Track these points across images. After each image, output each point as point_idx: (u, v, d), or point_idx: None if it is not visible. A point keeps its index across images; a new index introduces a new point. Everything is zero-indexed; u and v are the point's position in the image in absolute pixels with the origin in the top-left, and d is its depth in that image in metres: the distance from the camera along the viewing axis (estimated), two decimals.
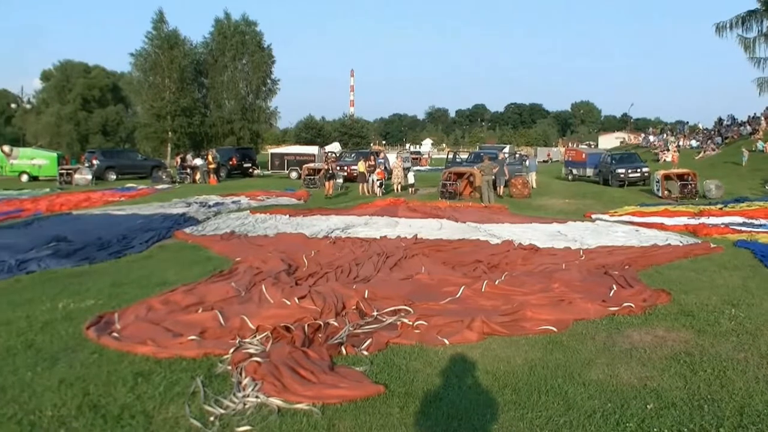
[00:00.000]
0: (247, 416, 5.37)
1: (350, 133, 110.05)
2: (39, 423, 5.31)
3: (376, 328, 7.81)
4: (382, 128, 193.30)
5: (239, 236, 15.92)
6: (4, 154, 46.11)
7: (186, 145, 59.25)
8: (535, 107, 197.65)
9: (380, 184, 31.02)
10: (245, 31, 63.93)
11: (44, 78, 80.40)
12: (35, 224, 19.03)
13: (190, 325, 7.72)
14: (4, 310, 8.95)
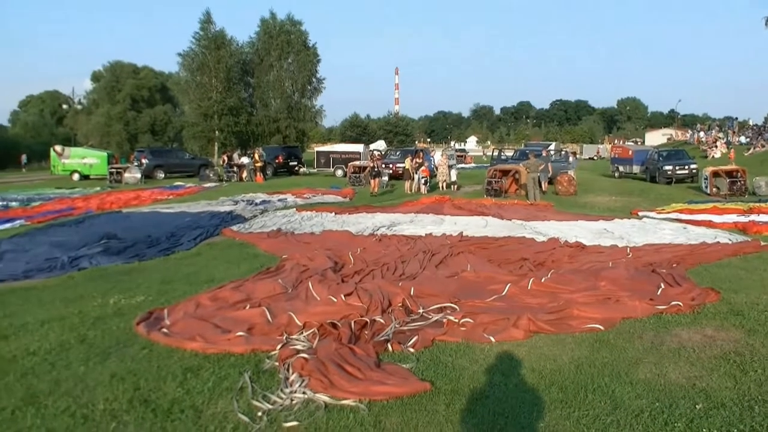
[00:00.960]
0: (295, 412, 5.41)
1: (395, 131, 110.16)
2: (91, 416, 5.42)
3: (422, 325, 7.82)
4: (426, 126, 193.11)
5: (286, 234, 16.03)
6: (57, 154, 46.97)
7: (233, 144, 59.71)
8: (581, 104, 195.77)
9: (425, 182, 30.97)
10: (291, 30, 64.19)
11: (94, 79, 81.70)
12: (86, 222, 19.38)
13: (238, 322, 7.81)
14: (57, 306, 9.15)
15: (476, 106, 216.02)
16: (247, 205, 23.65)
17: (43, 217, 20.62)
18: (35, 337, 7.63)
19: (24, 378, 6.30)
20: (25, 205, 25.80)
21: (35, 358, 6.90)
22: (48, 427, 5.22)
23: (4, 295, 10.02)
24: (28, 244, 14.92)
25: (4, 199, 28.42)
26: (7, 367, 6.61)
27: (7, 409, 5.56)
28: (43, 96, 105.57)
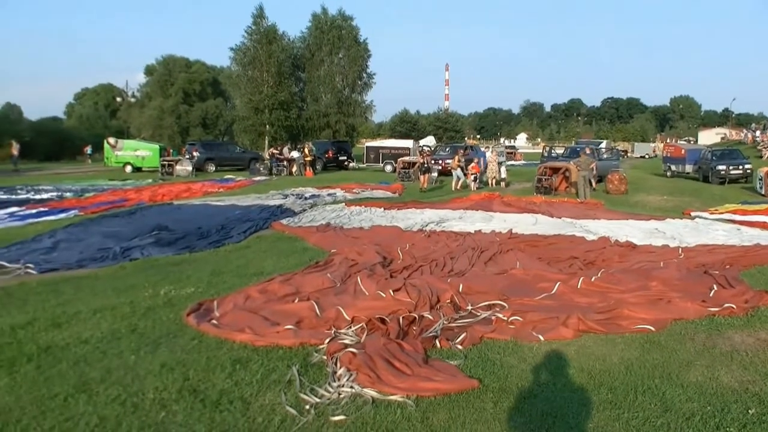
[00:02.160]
0: (342, 406, 5.42)
1: (445, 127, 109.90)
2: (141, 405, 5.48)
3: (471, 322, 7.80)
4: (476, 122, 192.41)
5: (335, 228, 16.08)
6: (110, 146, 47.70)
7: (283, 138, 60.04)
8: (633, 102, 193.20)
9: (474, 179, 30.81)
10: (342, 25, 64.21)
11: (148, 73, 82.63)
12: (138, 213, 19.64)
13: (286, 315, 7.85)
14: (109, 296, 9.30)
15: (527, 103, 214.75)
16: (297, 199, 23.77)
17: (96, 208, 20.95)
18: (88, 326, 7.76)
19: (76, 365, 6.41)
20: (79, 195, 26.25)
21: (87, 346, 7.01)
22: (99, 414, 5.30)
23: (58, 283, 10.21)
24: (82, 234, 15.17)
25: (59, 190, 28.99)
26: (60, 355, 6.73)
27: (60, 395, 5.66)
28: (98, 89, 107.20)
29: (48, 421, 5.19)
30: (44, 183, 33.27)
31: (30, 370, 6.30)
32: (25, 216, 19.09)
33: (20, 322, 7.90)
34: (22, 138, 63.49)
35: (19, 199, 24.72)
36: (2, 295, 9.43)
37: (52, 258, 12.42)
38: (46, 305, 8.77)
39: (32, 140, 69.16)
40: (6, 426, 5.10)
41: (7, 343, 7.09)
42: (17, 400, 5.58)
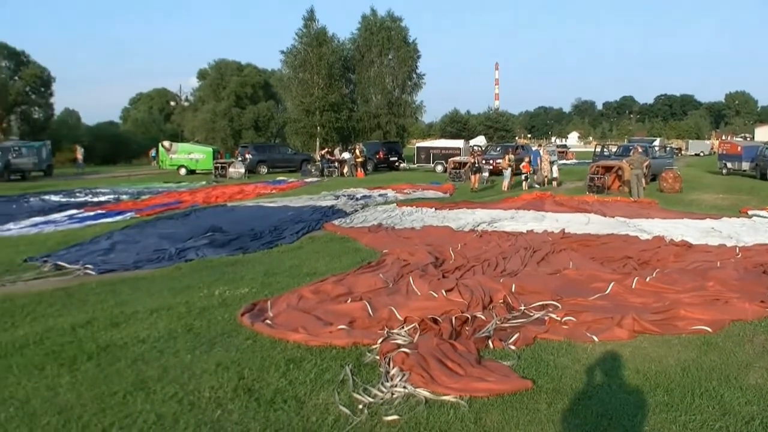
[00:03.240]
0: (395, 406, 5.45)
1: (495, 126, 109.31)
2: (197, 403, 5.57)
3: (524, 322, 7.77)
4: (527, 121, 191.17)
5: (386, 228, 16.11)
6: (165, 149, 48.39)
7: (334, 140, 60.33)
8: (687, 98, 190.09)
9: (525, 178, 30.60)
10: (391, 26, 64.29)
11: (200, 77, 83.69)
12: (193, 215, 19.89)
13: (339, 315, 7.90)
14: (165, 296, 9.45)
15: (578, 101, 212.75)
16: (348, 199, 23.83)
17: (152, 210, 21.26)
18: (144, 326, 7.90)
19: (134, 364, 6.53)
20: (135, 198, 26.70)
21: (144, 345, 7.15)
22: (157, 412, 5.40)
23: (116, 284, 10.39)
24: (138, 236, 15.41)
25: (116, 193, 29.52)
26: (118, 353, 6.87)
27: (118, 393, 5.78)
28: (152, 94, 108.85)
29: (108, 418, 5.30)
30: (102, 186, 33.91)
31: (90, 368, 6.44)
32: (83, 218, 19.47)
33: (80, 321, 8.09)
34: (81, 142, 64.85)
35: (78, 201, 25.26)
36: (63, 295, 9.64)
37: (110, 259, 12.66)
38: (105, 305, 8.95)
39: (90, 144, 70.59)
40: (68, 422, 5.23)
41: (68, 342, 7.26)
42: (78, 397, 5.71)
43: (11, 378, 6.22)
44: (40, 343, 7.26)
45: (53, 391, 5.87)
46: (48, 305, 9.00)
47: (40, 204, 24.55)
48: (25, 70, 71.67)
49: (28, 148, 44.52)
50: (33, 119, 74.65)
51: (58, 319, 8.26)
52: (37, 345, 7.21)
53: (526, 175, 30.64)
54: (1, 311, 8.70)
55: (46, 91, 75.40)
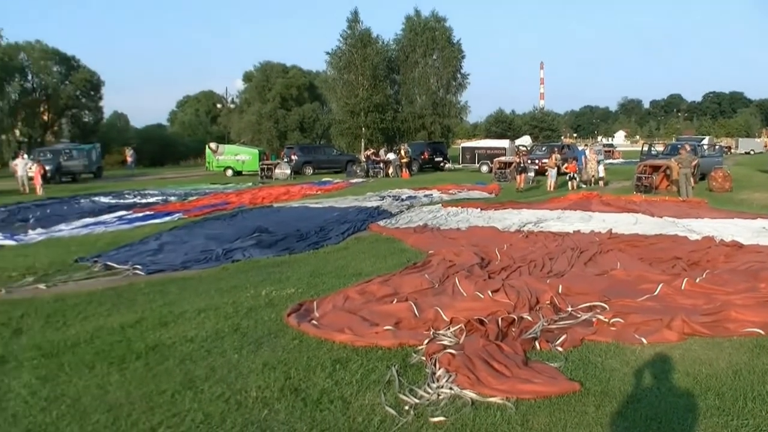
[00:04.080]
0: (441, 407, 5.43)
1: (540, 126, 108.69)
2: (244, 403, 5.61)
3: (571, 324, 7.70)
4: (572, 121, 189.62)
5: (432, 229, 16.09)
6: (211, 151, 48.82)
7: (379, 140, 60.41)
8: (736, 96, 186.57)
9: (571, 178, 30.33)
10: (435, 27, 64.13)
11: (246, 79, 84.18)
12: (239, 216, 20.06)
13: (385, 315, 7.90)
14: (212, 296, 9.54)
15: (624, 100, 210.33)
16: (394, 200, 23.83)
17: (199, 211, 21.49)
18: (192, 325, 7.99)
19: (182, 363, 6.61)
20: (183, 199, 27.02)
21: (192, 345, 7.22)
22: (204, 411, 5.45)
23: (164, 284, 10.52)
24: (186, 237, 15.60)
25: (164, 194, 29.89)
26: (167, 353, 6.95)
27: (167, 392, 5.85)
28: (199, 96, 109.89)
29: (156, 416, 5.36)
30: (150, 187, 34.37)
31: (139, 367, 6.53)
32: (132, 219, 19.75)
33: (129, 321, 8.21)
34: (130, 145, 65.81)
35: (127, 203, 25.65)
36: (112, 295, 9.79)
37: (158, 259, 12.83)
38: (153, 305, 9.07)
39: (138, 147, 71.58)
40: (117, 420, 5.30)
41: (118, 342, 7.37)
42: (127, 396, 5.78)
43: (63, 376, 6.33)
44: (91, 342, 7.38)
45: (103, 390, 5.96)
46: (98, 305, 9.14)
47: (90, 205, 24.98)
48: (76, 75, 72.85)
49: (79, 151, 45.33)
50: (83, 122, 75.89)
51: (108, 319, 8.39)
52: (88, 344, 7.33)
53: (572, 174, 30.38)
54: (53, 310, 8.86)
55: (96, 94, 76.55)
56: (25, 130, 71.53)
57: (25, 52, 69.00)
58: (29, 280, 11.01)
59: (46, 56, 70.22)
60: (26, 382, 6.18)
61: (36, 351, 7.11)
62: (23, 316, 8.59)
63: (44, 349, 7.17)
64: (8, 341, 7.55)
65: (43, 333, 7.86)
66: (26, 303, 9.35)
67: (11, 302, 9.44)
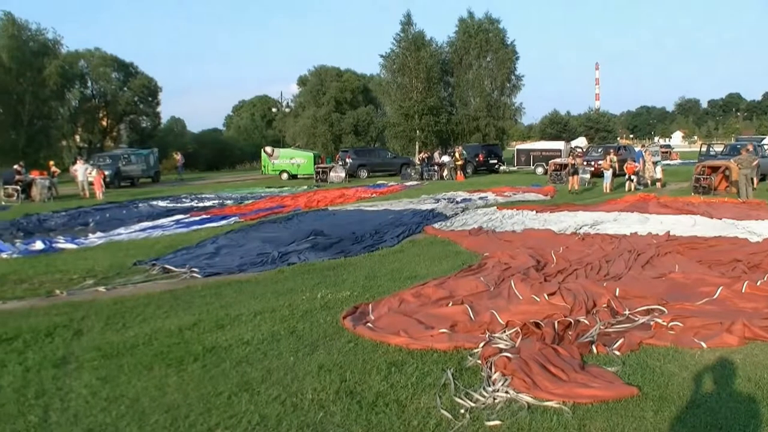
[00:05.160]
0: (497, 411, 5.39)
1: (596, 127, 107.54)
2: (300, 405, 5.64)
3: (628, 327, 7.60)
4: (628, 121, 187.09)
5: (487, 232, 16.01)
6: (267, 155, 49.30)
7: (433, 143, 60.39)
8: None
9: (628, 179, 29.93)
10: (488, 29, 63.86)
11: (301, 83, 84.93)
12: (295, 219, 20.21)
13: (440, 318, 7.89)
14: (268, 299, 9.62)
15: (681, 100, 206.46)
16: (449, 203, 23.79)
17: (255, 215, 21.70)
18: (249, 328, 8.07)
19: (239, 366, 6.67)
20: (239, 203, 27.31)
21: (249, 347, 7.29)
22: (261, 413, 5.49)
23: (221, 287, 10.64)
24: (242, 240, 15.76)
25: (220, 198, 30.26)
26: (223, 355, 7.03)
27: (224, 393, 5.91)
28: (254, 101, 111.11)
29: (213, 418, 5.43)
30: (207, 192, 34.80)
31: (196, 369, 6.61)
32: (189, 223, 20.02)
33: (187, 323, 8.32)
34: (186, 149, 66.79)
35: (184, 207, 26.02)
36: (170, 297, 9.94)
37: (215, 262, 12.99)
38: (210, 307, 9.18)
39: (195, 151, 72.62)
40: (175, 421, 5.37)
41: (175, 344, 7.47)
42: (185, 397, 5.86)
43: (122, 377, 6.44)
44: (149, 344, 7.50)
45: (161, 391, 6.04)
46: (156, 307, 9.29)
47: (148, 209, 25.38)
48: (134, 81, 74.23)
49: (137, 156, 46.19)
50: (141, 128, 77.31)
51: (166, 321, 8.52)
52: (146, 345, 7.45)
53: (630, 176, 29.98)
54: (113, 312, 9.03)
55: (153, 100, 77.89)
56: (85, 135, 73.21)
57: (84, 60, 70.60)
58: (89, 283, 11.25)
59: (105, 63, 71.73)
60: (87, 383, 6.31)
61: (96, 352, 7.25)
62: (84, 318, 8.77)
63: (104, 350, 7.31)
64: (69, 342, 7.71)
65: (103, 334, 8.02)
66: (87, 305, 9.54)
67: (72, 304, 9.64)
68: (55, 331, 8.12)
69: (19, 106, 52.75)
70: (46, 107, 56.59)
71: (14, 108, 52.65)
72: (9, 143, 51.80)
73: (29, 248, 15.33)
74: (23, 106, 52.86)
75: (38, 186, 32.00)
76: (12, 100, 52.54)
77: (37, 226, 20.49)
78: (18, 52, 52.27)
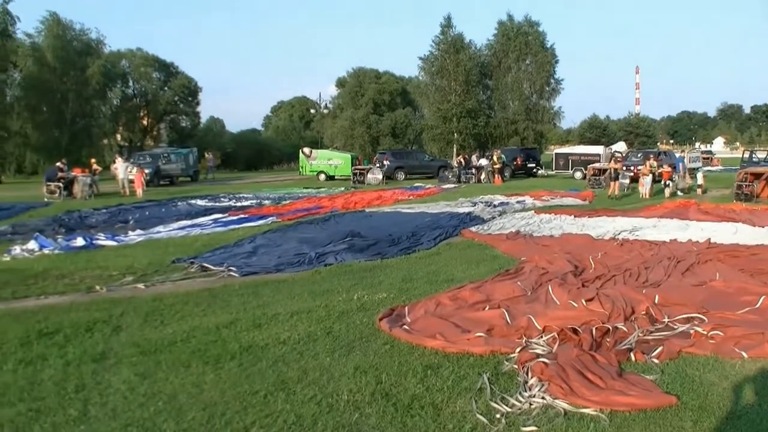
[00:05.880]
0: (533, 416, 5.36)
1: (635, 132, 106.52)
2: (336, 405, 5.65)
3: (667, 335, 7.50)
4: (669, 126, 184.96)
5: (524, 236, 15.93)
6: (305, 156, 49.59)
7: (471, 146, 60.26)
8: None
9: (665, 185, 29.60)
10: (528, 31, 63.56)
11: (339, 85, 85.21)
12: (332, 220, 20.27)
13: (477, 322, 7.86)
14: (305, 299, 9.66)
15: (723, 105, 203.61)
16: (486, 206, 23.65)
17: (292, 215, 21.79)
18: (285, 327, 8.10)
19: (275, 365, 6.71)
20: (277, 203, 27.45)
21: (285, 347, 7.32)
22: (296, 412, 5.51)
23: (258, 286, 10.69)
24: (279, 240, 15.83)
25: (258, 198, 30.44)
26: (260, 354, 7.07)
27: (260, 392, 5.95)
28: (293, 102, 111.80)
29: (249, 416, 5.45)
30: (245, 191, 35.04)
31: (233, 367, 6.66)
32: (227, 222, 20.15)
33: (224, 321, 8.38)
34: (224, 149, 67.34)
35: (222, 206, 26.21)
36: (208, 295, 10.02)
37: (252, 262, 13.05)
38: (247, 307, 9.24)
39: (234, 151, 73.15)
40: (212, 418, 5.41)
41: (213, 341, 7.53)
42: (222, 395, 5.90)
43: (160, 374, 6.50)
44: (187, 342, 7.57)
45: (198, 388, 6.09)
46: (194, 305, 9.36)
47: (187, 208, 25.61)
48: (174, 81, 75.08)
49: (177, 155, 46.66)
50: (181, 127, 78.18)
51: (204, 319, 8.59)
52: (184, 343, 7.52)
53: (666, 182, 29.66)
54: (152, 309, 9.12)
55: (193, 100, 78.72)
56: (125, 134, 74.18)
57: (126, 60, 71.62)
58: (129, 280, 11.37)
59: (146, 63, 72.69)
60: (125, 378, 6.38)
61: (135, 348, 7.33)
62: (123, 314, 8.87)
63: (142, 346, 7.39)
64: (108, 338, 7.80)
65: (141, 331, 8.10)
66: (126, 301, 9.65)
67: (112, 300, 9.76)
68: (94, 327, 8.23)
69: (62, 105, 53.70)
70: (88, 106, 57.52)
71: (58, 107, 53.60)
72: (52, 141, 52.77)
73: (70, 244, 15.56)
74: (67, 105, 53.78)
75: (80, 183, 32.42)
76: (56, 99, 53.50)
77: (79, 222, 20.77)
78: (62, 51, 53.22)
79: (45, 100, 53.25)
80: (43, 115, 53.78)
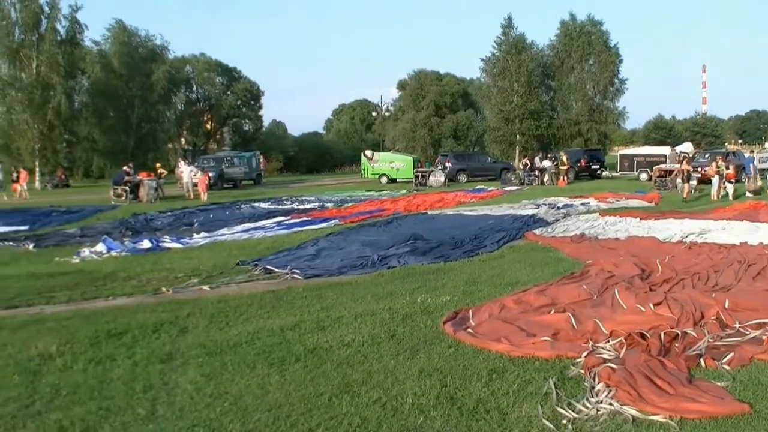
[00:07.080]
0: (600, 423, 5.26)
1: (702, 132, 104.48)
2: (401, 409, 5.63)
3: (739, 341, 7.29)
4: (737, 126, 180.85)
5: (589, 238, 15.74)
6: (367, 159, 49.82)
7: (533, 148, 59.89)
8: None
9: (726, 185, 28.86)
10: (591, 31, 63.03)
11: (400, 87, 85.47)
12: (394, 223, 20.32)
13: (542, 326, 7.76)
14: (369, 302, 9.67)
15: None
16: (550, 208, 23.44)
17: (355, 218, 21.91)
18: (349, 330, 8.11)
19: (339, 367, 6.71)
20: (339, 206, 27.65)
21: (349, 349, 7.33)
22: (361, 415, 5.50)
23: (322, 289, 10.74)
24: (342, 243, 15.92)
25: (320, 200, 30.67)
26: (324, 356, 7.09)
27: (324, 395, 5.95)
28: (354, 105, 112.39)
29: (314, 418, 5.46)
30: (307, 194, 35.33)
31: (298, 369, 6.69)
32: (290, 225, 20.35)
33: (288, 323, 8.43)
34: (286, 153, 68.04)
35: (285, 209, 26.48)
36: (272, 298, 10.10)
37: (316, 264, 13.13)
38: (311, 309, 9.28)
39: (296, 154, 73.88)
40: (277, 420, 5.44)
41: (277, 344, 7.58)
42: (287, 397, 5.93)
43: (226, 375, 6.56)
44: (252, 343, 7.63)
45: (263, 389, 6.13)
46: (258, 307, 9.45)
47: (250, 211, 25.96)
48: (237, 86, 76.27)
49: (240, 158, 47.32)
50: (243, 131, 79.40)
51: (268, 321, 8.66)
52: (249, 344, 7.58)
53: (732, 182, 28.94)
54: (217, 311, 9.23)
55: (256, 104, 79.83)
56: (189, 138, 75.54)
57: (190, 65, 73.08)
58: (194, 281, 11.54)
59: (210, 68, 74.07)
60: (192, 379, 6.46)
61: (201, 349, 7.42)
62: (189, 316, 9.00)
63: (208, 347, 7.48)
64: (175, 339, 7.92)
65: (207, 332, 8.21)
66: (192, 303, 9.80)
67: (178, 302, 9.92)
68: (161, 328, 8.36)
69: (129, 110, 55.11)
70: (153, 111, 58.91)
71: (124, 112, 55.01)
72: (119, 145, 54.09)
73: (137, 247, 15.88)
74: (132, 110, 55.15)
75: (146, 187, 33.10)
76: (122, 104, 54.92)
77: (145, 225, 21.22)
78: (128, 58, 54.61)
79: (112, 105, 54.72)
80: (110, 120, 55.22)
